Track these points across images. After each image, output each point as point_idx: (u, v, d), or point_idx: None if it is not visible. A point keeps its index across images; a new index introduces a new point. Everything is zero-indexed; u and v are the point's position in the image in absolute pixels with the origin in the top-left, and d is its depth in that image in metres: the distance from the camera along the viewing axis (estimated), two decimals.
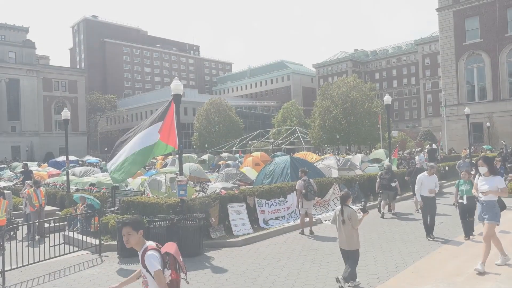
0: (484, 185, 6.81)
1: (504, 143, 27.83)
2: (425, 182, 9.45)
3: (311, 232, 10.64)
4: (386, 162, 14.30)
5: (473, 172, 9.59)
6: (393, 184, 12.59)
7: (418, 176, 9.76)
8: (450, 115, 38.55)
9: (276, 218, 11.84)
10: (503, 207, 8.12)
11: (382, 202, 12.82)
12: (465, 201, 9.05)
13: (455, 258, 7.81)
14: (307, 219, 10.79)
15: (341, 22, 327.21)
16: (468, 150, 24.89)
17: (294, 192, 12.44)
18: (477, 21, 37.36)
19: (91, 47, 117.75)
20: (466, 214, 9.16)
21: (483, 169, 6.84)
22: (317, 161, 20.29)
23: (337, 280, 6.23)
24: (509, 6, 35.78)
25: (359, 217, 6.38)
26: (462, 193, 9.13)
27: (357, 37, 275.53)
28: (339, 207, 6.57)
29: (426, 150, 24.89)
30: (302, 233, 10.67)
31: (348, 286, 6.30)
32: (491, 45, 36.48)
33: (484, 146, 32.92)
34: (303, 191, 10.51)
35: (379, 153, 31.59)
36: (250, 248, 9.44)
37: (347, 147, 53.54)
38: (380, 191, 12.80)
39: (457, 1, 38.35)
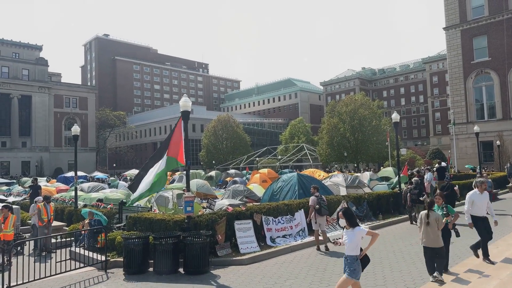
0: (346, 239, 5.86)
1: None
2: (477, 201, 8.54)
3: (327, 248, 10.61)
4: (414, 178, 15.03)
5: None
6: (421, 198, 13.43)
7: (469, 195, 8.75)
8: (459, 133, 38.26)
9: (284, 236, 11.68)
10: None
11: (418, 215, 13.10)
12: None
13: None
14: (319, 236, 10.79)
15: (349, 41, 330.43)
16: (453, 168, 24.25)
17: (302, 209, 12.34)
18: (485, 40, 37.46)
19: (102, 64, 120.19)
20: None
21: (342, 222, 6.06)
22: (324, 179, 20.16)
23: (434, 278, 7.21)
24: None
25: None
26: None
27: (365, 55, 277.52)
28: (424, 212, 7.52)
29: (435, 168, 24.68)
30: (318, 249, 10.69)
31: (441, 277, 7.26)
32: (499, 64, 36.44)
33: (466, 166, 32.02)
34: (317, 206, 10.52)
35: (388, 171, 31.28)
36: (256, 267, 9.32)
37: (355, 165, 53.18)
38: (414, 205, 14.05)
39: (465, 20, 38.57)
